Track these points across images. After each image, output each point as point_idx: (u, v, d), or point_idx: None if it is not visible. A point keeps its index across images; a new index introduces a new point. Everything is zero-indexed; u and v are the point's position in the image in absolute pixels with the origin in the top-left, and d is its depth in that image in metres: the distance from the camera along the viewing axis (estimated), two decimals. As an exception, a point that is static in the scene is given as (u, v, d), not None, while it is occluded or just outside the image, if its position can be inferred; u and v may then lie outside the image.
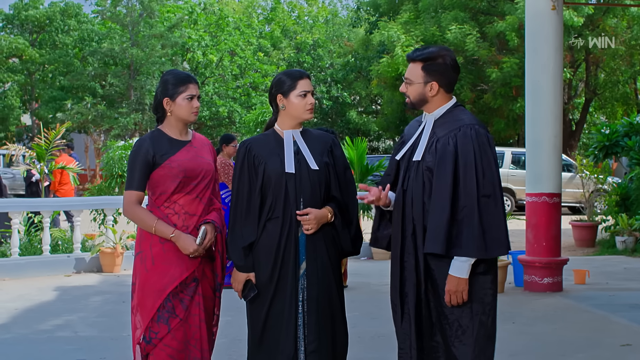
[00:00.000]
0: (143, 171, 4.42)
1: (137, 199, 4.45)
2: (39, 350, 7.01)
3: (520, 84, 23.61)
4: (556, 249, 10.01)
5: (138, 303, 4.44)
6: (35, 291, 10.14)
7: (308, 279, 4.35)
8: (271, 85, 4.52)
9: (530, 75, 10.16)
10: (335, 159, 4.51)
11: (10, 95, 34.86)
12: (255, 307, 4.36)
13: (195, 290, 4.44)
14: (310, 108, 4.44)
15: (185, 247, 4.36)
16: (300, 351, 4.30)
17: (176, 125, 4.54)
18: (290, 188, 4.33)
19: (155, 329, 4.37)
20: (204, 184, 4.52)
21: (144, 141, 4.48)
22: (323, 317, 4.35)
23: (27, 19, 36.48)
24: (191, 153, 4.52)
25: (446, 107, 4.20)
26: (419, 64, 4.15)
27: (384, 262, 12.88)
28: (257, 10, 48.59)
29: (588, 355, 6.74)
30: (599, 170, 16.37)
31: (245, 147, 4.44)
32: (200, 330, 4.44)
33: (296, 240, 4.34)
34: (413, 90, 4.18)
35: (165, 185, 4.43)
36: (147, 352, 4.39)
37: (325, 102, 38.83)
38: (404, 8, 29.64)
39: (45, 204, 12.58)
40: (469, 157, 3.99)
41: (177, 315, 4.38)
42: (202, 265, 4.49)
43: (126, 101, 34.51)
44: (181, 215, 4.44)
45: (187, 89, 4.47)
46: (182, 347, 4.39)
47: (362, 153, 15.53)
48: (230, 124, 36.86)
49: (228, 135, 10.72)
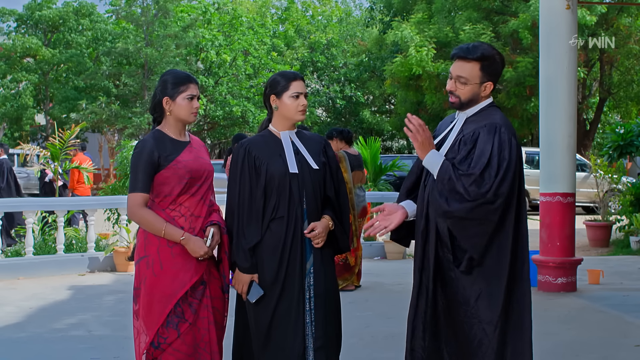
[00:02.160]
0: (148, 172, 4.36)
1: (142, 201, 4.38)
2: (53, 349, 7.04)
3: (534, 83, 23.57)
4: (570, 249, 9.98)
5: (144, 308, 4.39)
6: (50, 290, 10.17)
7: (315, 276, 4.40)
8: (266, 86, 4.59)
9: (544, 74, 10.13)
10: (329, 159, 4.58)
11: (25, 95, 34.94)
12: (260, 308, 4.37)
13: (203, 293, 4.42)
14: (302, 110, 4.49)
15: (196, 249, 4.32)
16: (309, 348, 4.35)
17: (175, 125, 4.50)
18: (294, 188, 4.38)
19: (164, 334, 4.34)
20: (206, 185, 4.51)
21: (147, 142, 4.42)
22: (330, 313, 4.43)
23: (40, 19, 36.54)
24: (193, 154, 4.50)
25: (480, 105, 4.14)
26: (477, 63, 4.05)
27: (397, 262, 12.88)
28: (270, 10, 48.65)
29: (602, 356, 6.71)
30: (613, 170, 16.32)
31: (244, 148, 4.45)
32: (209, 332, 4.42)
33: (302, 239, 4.38)
34: (468, 91, 4.08)
35: (170, 187, 4.39)
36: (155, 357, 4.37)
37: (339, 101, 38.85)
38: (417, 8, 29.61)
39: (59, 203, 12.62)
40: (485, 149, 3.94)
41: (186, 320, 4.35)
42: (209, 267, 4.48)
43: (140, 101, 34.55)
44: (187, 218, 4.41)
45: (187, 88, 4.45)
46: (191, 352, 4.37)
47: (376, 153, 15.56)
48: (243, 124, 36.87)
49: (241, 134, 10.73)
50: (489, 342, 3.98)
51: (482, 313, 3.97)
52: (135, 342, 4.48)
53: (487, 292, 3.98)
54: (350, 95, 39.51)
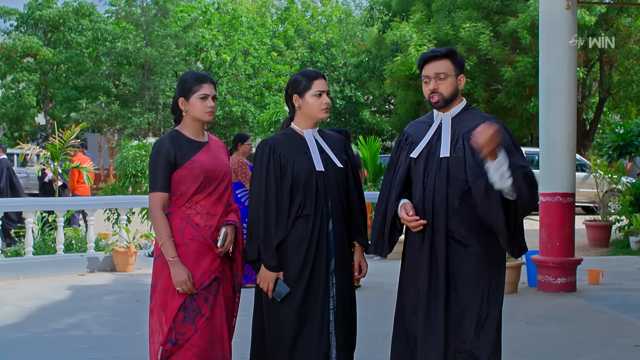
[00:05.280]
0: (165, 172, 4.42)
1: (161, 202, 4.42)
2: (53, 349, 7.03)
3: (534, 83, 23.57)
4: (570, 249, 9.98)
5: (161, 304, 4.43)
6: (49, 290, 10.17)
7: (337, 274, 4.46)
8: (287, 85, 4.60)
9: (544, 74, 10.14)
10: (350, 158, 4.65)
11: (26, 95, 34.92)
12: (285, 306, 4.39)
13: (217, 289, 4.46)
14: (325, 108, 4.52)
15: (177, 276, 4.34)
16: (333, 346, 4.41)
17: (192, 125, 4.54)
18: (320, 185, 4.42)
19: (181, 330, 4.37)
20: (224, 185, 4.53)
21: (163, 142, 4.48)
22: (349, 312, 4.51)
23: (41, 19, 36.54)
24: (210, 154, 4.53)
25: (461, 105, 4.28)
26: (447, 59, 4.23)
27: (397, 262, 12.84)
28: (270, 9, 48.60)
29: (602, 356, 6.71)
30: (612, 170, 16.33)
31: (270, 146, 4.47)
32: (222, 329, 4.46)
33: (327, 237, 4.43)
34: (449, 85, 4.23)
35: (186, 186, 4.43)
36: (172, 353, 4.39)
37: (339, 101, 38.82)
38: (417, 8, 29.61)
39: (59, 203, 12.62)
40: (506, 141, 4.04)
41: (203, 315, 4.39)
42: (223, 265, 4.51)
43: (140, 101, 34.57)
44: (203, 216, 4.44)
45: (200, 88, 4.47)
46: (208, 347, 4.40)
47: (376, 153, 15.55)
48: (243, 124, 36.88)
49: (242, 134, 10.72)
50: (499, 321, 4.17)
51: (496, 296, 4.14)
52: (150, 340, 4.51)
53: (495, 276, 4.14)
54: (350, 95, 39.50)
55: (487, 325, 4.08)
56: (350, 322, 4.54)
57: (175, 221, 4.43)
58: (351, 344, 4.54)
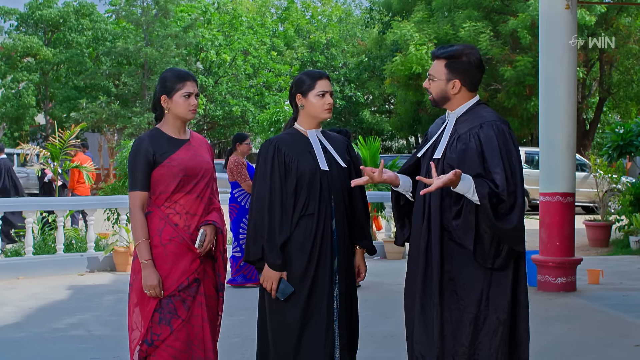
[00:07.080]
0: (145, 170, 4.40)
1: (141, 201, 4.41)
2: (53, 349, 7.03)
3: (534, 83, 23.56)
4: (570, 248, 9.98)
5: (138, 302, 4.42)
6: (49, 290, 10.17)
7: (339, 274, 4.47)
8: (291, 85, 4.62)
9: (544, 74, 10.13)
10: (352, 158, 4.67)
11: (26, 95, 34.90)
12: (290, 305, 4.38)
13: (197, 290, 4.44)
14: (328, 108, 4.53)
15: (146, 279, 4.33)
16: (337, 346, 4.41)
17: (174, 123, 4.52)
18: (324, 185, 4.43)
19: (157, 331, 4.36)
20: (204, 183, 4.50)
21: (142, 140, 4.46)
22: (352, 312, 4.53)
23: (41, 18, 36.53)
24: (190, 152, 4.51)
25: (468, 104, 4.19)
26: (443, 61, 4.16)
27: (397, 262, 12.87)
28: (270, 9, 48.66)
29: (602, 355, 6.71)
30: (612, 169, 16.32)
31: (274, 145, 4.48)
32: (203, 330, 4.44)
33: (331, 236, 4.44)
34: (435, 87, 4.18)
35: (165, 184, 4.41)
36: (148, 354, 4.38)
37: (339, 101, 38.83)
38: (417, 8, 29.62)
39: (59, 203, 12.61)
40: (494, 154, 3.97)
41: (179, 316, 4.37)
42: (204, 265, 4.49)
43: (140, 100, 34.57)
44: (183, 216, 4.42)
45: (184, 86, 4.45)
46: (185, 348, 4.39)
47: (375, 153, 15.51)
48: (243, 124, 36.89)
49: (241, 134, 10.70)
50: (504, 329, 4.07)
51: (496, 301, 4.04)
52: (129, 338, 4.49)
53: (496, 279, 4.04)
54: (350, 95, 39.51)
55: (486, 329, 3.99)
56: (353, 322, 4.54)
57: (154, 221, 4.41)
58: (354, 344, 4.55)
